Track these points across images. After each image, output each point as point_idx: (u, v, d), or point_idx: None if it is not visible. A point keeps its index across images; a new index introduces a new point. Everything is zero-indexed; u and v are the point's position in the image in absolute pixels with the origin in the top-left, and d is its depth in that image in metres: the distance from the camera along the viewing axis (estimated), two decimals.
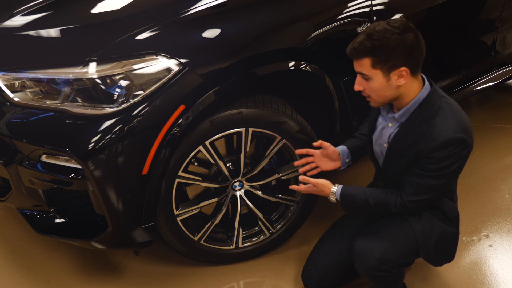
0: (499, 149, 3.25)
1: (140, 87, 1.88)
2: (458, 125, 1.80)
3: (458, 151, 1.80)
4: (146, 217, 2.08)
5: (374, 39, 1.75)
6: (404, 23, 1.78)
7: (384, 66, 1.78)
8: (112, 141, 1.88)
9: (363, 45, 1.77)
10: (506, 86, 3.95)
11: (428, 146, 1.79)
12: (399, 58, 1.77)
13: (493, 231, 2.59)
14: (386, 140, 1.96)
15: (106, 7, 2.21)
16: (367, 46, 1.76)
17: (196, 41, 1.97)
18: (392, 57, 1.76)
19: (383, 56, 1.76)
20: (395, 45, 1.74)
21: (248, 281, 2.39)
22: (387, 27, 1.76)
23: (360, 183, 2.45)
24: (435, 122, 1.81)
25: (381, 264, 1.92)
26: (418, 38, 1.78)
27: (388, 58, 1.76)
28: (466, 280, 2.33)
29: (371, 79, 1.82)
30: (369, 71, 1.80)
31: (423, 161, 1.82)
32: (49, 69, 1.93)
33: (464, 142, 1.79)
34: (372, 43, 1.75)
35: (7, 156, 2.04)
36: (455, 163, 1.82)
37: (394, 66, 1.78)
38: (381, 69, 1.78)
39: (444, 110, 1.83)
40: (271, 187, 2.42)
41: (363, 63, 1.80)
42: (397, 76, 1.80)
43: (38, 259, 2.49)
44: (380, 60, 1.77)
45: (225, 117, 2.06)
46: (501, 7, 2.86)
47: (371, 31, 1.77)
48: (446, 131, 1.78)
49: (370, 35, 1.76)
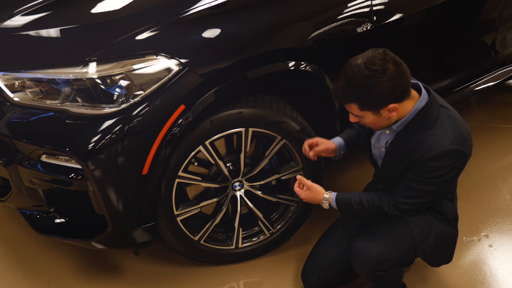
0: (499, 149, 3.25)
1: (140, 87, 1.88)
2: (456, 136, 1.78)
3: (454, 161, 1.79)
4: (146, 217, 2.08)
5: (355, 86, 1.71)
6: (382, 60, 1.70)
7: (371, 107, 1.76)
8: (112, 141, 1.88)
9: (345, 92, 1.75)
10: (506, 86, 3.95)
11: (424, 155, 1.78)
12: (385, 99, 1.73)
13: (493, 231, 2.59)
14: (383, 145, 1.97)
15: (106, 7, 2.21)
16: (350, 93, 1.74)
17: (196, 41, 1.97)
18: (378, 99, 1.73)
19: (369, 100, 1.74)
20: (377, 89, 1.70)
21: (248, 281, 2.39)
22: (366, 72, 1.69)
23: (358, 183, 2.45)
24: (433, 132, 1.79)
25: (379, 264, 1.92)
26: (399, 68, 1.72)
27: (374, 101, 1.74)
28: (466, 280, 2.33)
29: (364, 117, 1.82)
30: (358, 113, 1.81)
31: (419, 168, 1.82)
32: (49, 69, 1.93)
33: (460, 153, 1.79)
34: (354, 91, 1.73)
35: (7, 156, 2.04)
36: (451, 172, 1.82)
37: (382, 105, 1.75)
38: (370, 110, 1.77)
39: (442, 120, 1.81)
40: (271, 187, 2.42)
41: (350, 107, 1.80)
42: (388, 111, 1.78)
43: (38, 259, 2.49)
44: (366, 104, 1.76)
45: (225, 117, 2.06)
46: (501, 7, 2.86)
47: (350, 77, 1.71)
48: (443, 142, 1.77)
49: (350, 82, 1.71)
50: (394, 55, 1.75)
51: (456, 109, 1.90)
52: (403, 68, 1.73)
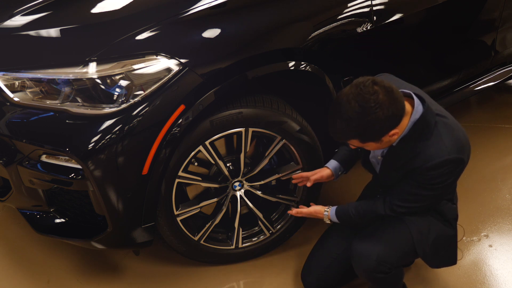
0: (499, 149, 3.25)
1: (140, 87, 1.88)
2: (454, 144, 1.77)
3: (452, 169, 1.79)
4: (146, 217, 2.08)
5: (355, 126, 1.70)
6: (373, 94, 1.66)
7: (373, 139, 1.76)
8: (112, 141, 1.88)
9: (346, 132, 1.74)
10: (506, 86, 3.95)
11: (422, 165, 1.78)
12: (385, 129, 1.72)
13: (493, 231, 2.59)
14: (379, 154, 1.97)
15: (106, 7, 2.21)
16: (351, 133, 1.73)
17: (196, 41, 1.97)
18: (378, 131, 1.73)
19: (370, 133, 1.73)
20: (376, 123, 1.69)
21: (248, 281, 2.39)
22: (361, 111, 1.67)
23: (357, 185, 2.45)
24: (430, 143, 1.78)
25: (379, 265, 1.92)
26: (391, 96, 1.68)
27: (375, 133, 1.74)
28: (466, 280, 2.33)
29: (365, 146, 1.82)
30: (360, 145, 1.81)
31: (417, 175, 1.82)
32: (49, 69, 1.93)
33: (459, 161, 1.79)
34: (355, 129, 1.71)
35: (7, 156, 2.04)
36: (449, 179, 1.82)
37: (383, 134, 1.74)
38: (372, 140, 1.77)
39: (439, 129, 1.79)
40: (271, 187, 2.42)
41: (352, 142, 1.81)
42: (389, 136, 1.76)
43: (38, 259, 2.49)
44: (368, 138, 1.75)
45: (225, 117, 2.06)
46: (501, 7, 2.86)
47: (347, 118, 1.69)
48: (441, 152, 1.76)
49: (349, 123, 1.69)
50: (382, 80, 1.70)
51: (456, 109, 1.90)
52: (395, 94, 1.70)
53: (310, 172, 2.21)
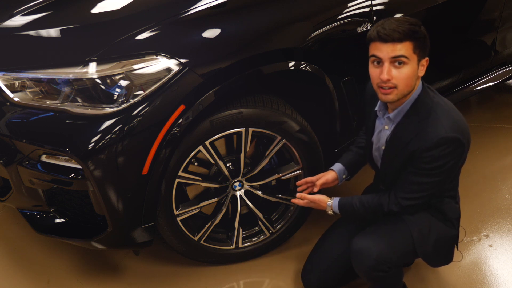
0: (499, 149, 3.25)
1: (140, 87, 1.88)
2: (451, 124, 1.80)
3: (451, 150, 1.80)
4: (146, 217, 2.08)
5: (412, 24, 1.77)
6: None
7: (420, 52, 1.80)
8: (112, 141, 1.88)
9: (403, 28, 1.76)
10: (506, 86, 3.95)
11: (421, 146, 1.80)
12: (427, 47, 1.82)
13: (493, 231, 2.59)
14: (383, 143, 1.97)
15: (106, 7, 2.21)
16: (412, 29, 1.76)
17: (196, 41, 1.97)
18: (425, 45, 1.80)
19: (421, 42, 1.78)
20: (424, 33, 1.79)
21: (248, 281, 2.39)
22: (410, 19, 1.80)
23: (359, 183, 2.45)
24: (428, 122, 1.81)
25: (379, 264, 1.92)
26: None
27: (424, 44, 1.80)
28: (466, 280, 2.33)
29: (407, 64, 1.79)
30: (410, 55, 1.78)
31: (417, 161, 1.83)
32: (49, 69, 1.93)
33: (456, 141, 1.79)
34: (412, 28, 1.76)
35: (7, 156, 2.04)
36: (450, 161, 1.82)
37: (424, 54, 1.82)
38: (418, 55, 1.80)
39: (436, 110, 1.83)
40: (271, 187, 2.42)
41: (404, 47, 1.77)
42: (422, 65, 1.83)
43: (38, 259, 2.49)
44: (418, 46, 1.78)
45: (225, 117, 2.06)
46: (501, 7, 2.86)
47: (400, 20, 1.78)
48: (438, 131, 1.78)
49: (405, 22, 1.77)
50: None
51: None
52: None
53: (315, 177, 2.20)
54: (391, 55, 1.77)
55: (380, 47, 1.78)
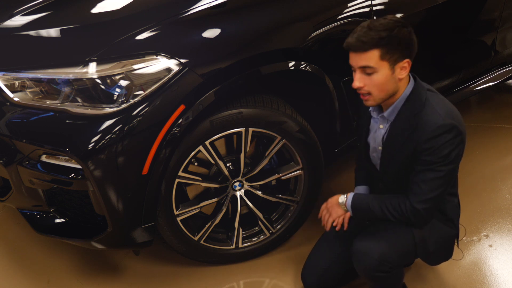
0: (499, 149, 3.25)
1: (140, 87, 1.88)
2: (447, 113, 1.81)
3: (451, 137, 1.79)
4: (146, 217, 2.08)
5: (381, 30, 1.75)
6: (399, 18, 1.80)
7: (391, 57, 1.77)
8: (112, 141, 1.88)
9: (370, 36, 1.75)
10: (506, 86, 3.95)
11: (421, 138, 1.80)
12: (404, 50, 1.78)
13: (493, 231, 2.59)
14: (380, 143, 1.97)
15: (106, 7, 2.21)
16: (375, 37, 1.75)
17: (196, 41, 1.97)
18: (398, 49, 1.77)
19: (391, 47, 1.76)
20: (400, 36, 1.76)
21: (248, 281, 2.39)
22: (388, 21, 1.77)
23: None
24: (424, 113, 1.82)
25: (380, 264, 1.92)
26: (412, 33, 1.81)
27: (395, 49, 1.77)
28: (466, 280, 2.33)
29: (376, 72, 1.79)
30: (376, 64, 1.78)
31: (421, 156, 1.82)
32: (49, 69, 1.93)
33: (455, 128, 1.79)
34: (379, 34, 1.74)
35: (7, 156, 2.04)
36: (452, 151, 1.81)
37: (399, 58, 1.79)
38: (388, 60, 1.78)
39: (431, 101, 1.84)
40: (271, 187, 2.42)
41: (370, 56, 1.77)
42: (400, 68, 1.80)
43: (38, 259, 2.49)
44: (388, 52, 1.76)
45: (225, 117, 2.06)
46: (501, 7, 2.86)
47: (372, 25, 1.77)
48: (435, 119, 1.79)
49: (374, 28, 1.75)
50: None
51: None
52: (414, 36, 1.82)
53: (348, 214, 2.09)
54: (359, 64, 1.80)
55: (351, 56, 1.82)
